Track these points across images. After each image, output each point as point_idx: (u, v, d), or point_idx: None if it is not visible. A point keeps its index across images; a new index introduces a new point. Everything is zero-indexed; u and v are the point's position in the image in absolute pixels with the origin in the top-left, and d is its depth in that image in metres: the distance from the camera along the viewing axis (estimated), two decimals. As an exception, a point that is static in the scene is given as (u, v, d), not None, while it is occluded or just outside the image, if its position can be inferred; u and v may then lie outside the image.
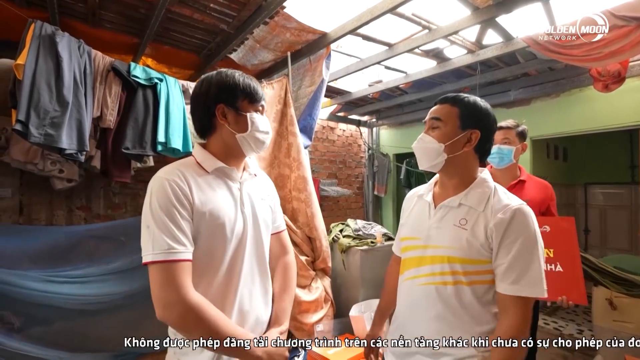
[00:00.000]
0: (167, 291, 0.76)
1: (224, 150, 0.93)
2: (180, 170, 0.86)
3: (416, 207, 1.11)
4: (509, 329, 0.88)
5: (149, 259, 0.78)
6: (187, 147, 1.78)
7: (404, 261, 1.09)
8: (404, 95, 3.92)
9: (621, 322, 2.37)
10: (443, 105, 1.03)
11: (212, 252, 0.86)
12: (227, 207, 0.89)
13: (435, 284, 0.98)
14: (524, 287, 0.88)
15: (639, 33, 1.89)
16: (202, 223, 0.84)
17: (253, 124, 0.91)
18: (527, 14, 2.20)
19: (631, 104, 2.70)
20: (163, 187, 0.82)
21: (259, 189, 1.04)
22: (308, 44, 2.51)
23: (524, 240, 0.90)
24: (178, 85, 1.79)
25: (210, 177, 0.90)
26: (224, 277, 0.88)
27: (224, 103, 0.89)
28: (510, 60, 2.86)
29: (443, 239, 0.98)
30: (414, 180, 4.34)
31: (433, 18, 2.25)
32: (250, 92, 0.92)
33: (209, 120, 0.92)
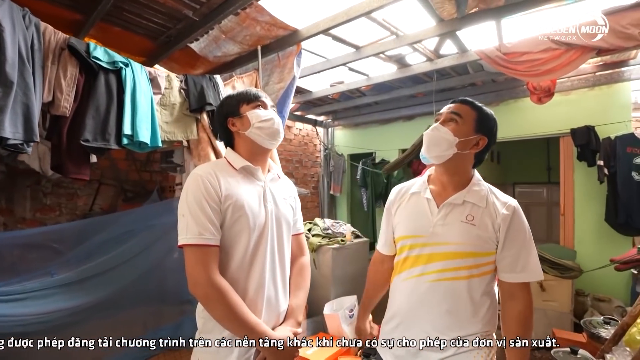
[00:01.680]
0: (196, 270, 0.90)
1: (247, 150, 1.08)
2: (212, 169, 1.00)
3: (412, 204, 1.12)
4: (523, 311, 1.02)
5: (183, 242, 0.92)
6: (155, 141, 1.61)
7: (403, 260, 1.10)
8: (362, 97, 4.06)
9: (548, 302, 2.76)
10: (464, 105, 1.09)
11: (237, 237, 0.98)
12: (251, 200, 1.01)
13: (448, 279, 1.02)
14: (530, 273, 1.01)
15: (568, 56, 2.22)
16: (229, 211, 0.97)
17: (253, 118, 1.06)
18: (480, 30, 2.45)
19: (555, 116, 3.17)
20: (196, 183, 0.96)
21: (282, 189, 1.15)
22: (278, 39, 2.45)
23: (524, 233, 1.02)
24: (145, 73, 1.61)
25: (238, 175, 1.04)
26: (248, 258, 0.99)
27: (231, 116, 1.08)
28: (462, 70, 3.14)
29: (452, 235, 1.02)
30: (369, 180, 4.51)
31: (401, 25, 2.37)
32: (245, 96, 1.09)
33: (228, 133, 1.11)
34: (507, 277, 1.02)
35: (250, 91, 1.11)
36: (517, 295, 1.02)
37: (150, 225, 2.28)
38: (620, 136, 2.78)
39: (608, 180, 2.79)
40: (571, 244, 3.13)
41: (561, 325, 2.67)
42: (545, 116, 3.24)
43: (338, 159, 5.01)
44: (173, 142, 1.74)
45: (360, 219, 5.00)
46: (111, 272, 1.93)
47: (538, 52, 2.28)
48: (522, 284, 1.02)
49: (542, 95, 2.70)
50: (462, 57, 2.68)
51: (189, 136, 1.78)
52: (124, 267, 1.97)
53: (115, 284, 1.92)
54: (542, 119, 3.28)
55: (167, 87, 1.74)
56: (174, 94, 1.75)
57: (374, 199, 4.53)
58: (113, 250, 2.01)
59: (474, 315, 1.02)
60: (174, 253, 2.69)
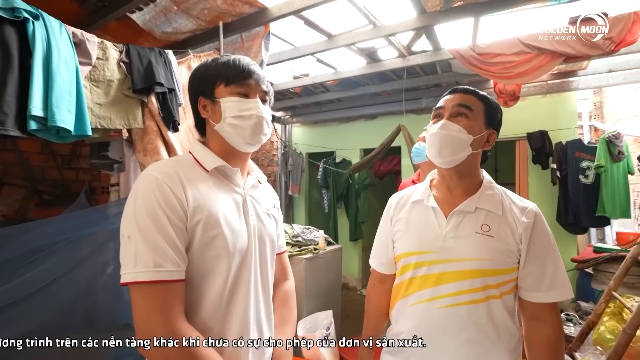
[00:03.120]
0: (151, 321, 0.61)
1: (221, 146, 0.81)
2: (174, 168, 0.73)
3: (415, 215, 0.95)
4: (553, 335, 0.86)
5: (129, 279, 0.63)
6: (82, 128, 1.18)
7: (408, 282, 0.92)
8: (325, 93, 3.84)
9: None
10: (469, 96, 0.92)
11: (211, 267, 0.71)
12: (229, 215, 0.75)
13: (463, 303, 0.85)
14: (559, 291, 0.86)
15: (539, 60, 2.25)
16: (198, 230, 0.69)
17: (227, 109, 0.77)
18: (455, 28, 2.39)
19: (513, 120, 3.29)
20: (150, 188, 0.67)
21: (265, 199, 0.90)
22: (242, 17, 2.11)
23: (549, 243, 0.87)
24: (66, 33, 1.17)
25: (210, 178, 0.77)
26: (227, 296, 0.73)
27: (201, 94, 0.81)
28: (430, 70, 3.09)
29: (467, 250, 0.86)
30: (331, 180, 4.32)
31: (380, 15, 2.19)
32: (225, 71, 0.78)
33: (198, 116, 0.84)
34: (532, 296, 0.87)
35: (236, 66, 0.78)
36: (545, 317, 0.87)
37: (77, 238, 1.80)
38: (570, 141, 2.96)
39: (560, 183, 2.96)
40: (525, 243, 3.27)
41: (521, 323, 2.75)
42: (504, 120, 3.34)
43: (297, 158, 4.74)
44: (109, 130, 1.33)
45: (319, 222, 4.79)
46: (20, 305, 1.44)
47: (511, 54, 2.28)
48: (550, 305, 0.86)
49: (508, 99, 2.75)
50: (434, 55, 2.61)
51: (131, 124, 1.37)
52: (39, 295, 1.49)
53: (27, 321, 1.43)
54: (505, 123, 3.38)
55: (101, 58, 1.32)
56: (110, 67, 1.34)
57: (335, 200, 4.36)
58: (23, 273, 1.51)
59: (497, 343, 0.86)
60: (107, 267, 2.22)
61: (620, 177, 2.78)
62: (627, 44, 1.97)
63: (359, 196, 4.26)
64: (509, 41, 2.27)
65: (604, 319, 1.91)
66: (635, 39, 1.95)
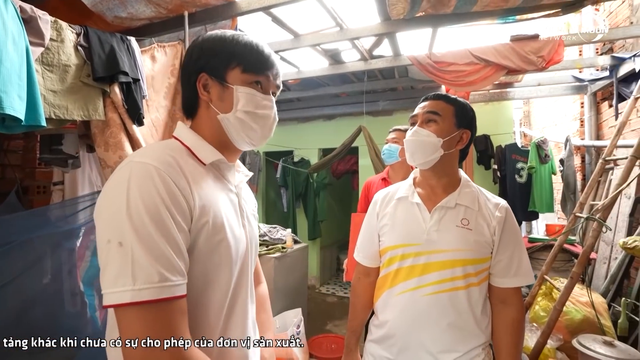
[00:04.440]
0: (156, 351, 0.48)
1: (213, 137, 0.69)
2: (173, 157, 0.59)
3: (400, 211, 1.02)
4: (517, 317, 0.97)
5: (127, 299, 0.48)
6: (35, 118, 1.04)
7: (395, 272, 0.98)
8: (286, 91, 3.83)
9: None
10: (438, 102, 1.02)
11: (212, 279, 0.62)
12: (230, 217, 0.66)
13: (446, 290, 0.93)
14: (523, 277, 0.97)
15: (486, 71, 2.50)
16: (202, 234, 0.59)
17: (241, 101, 0.66)
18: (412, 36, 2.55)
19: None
20: (151, 179, 0.54)
21: (250, 199, 0.83)
22: (207, 9, 2.02)
23: (517, 235, 0.99)
24: (12, 6, 1.01)
25: (207, 174, 0.65)
26: (227, 309, 0.65)
27: (206, 71, 0.67)
28: (388, 74, 3.25)
29: (449, 242, 0.94)
30: (290, 180, 4.31)
31: (346, 18, 2.26)
32: (244, 54, 0.67)
33: (191, 95, 0.69)
34: (502, 282, 0.97)
35: (261, 49, 0.69)
36: (511, 301, 0.98)
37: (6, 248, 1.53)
38: (508, 145, 3.33)
39: (500, 182, 3.31)
40: (470, 236, 3.61)
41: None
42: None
43: (254, 157, 4.64)
44: (65, 122, 1.18)
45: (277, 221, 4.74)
46: None
47: (462, 64, 2.50)
48: (514, 289, 0.98)
49: (458, 105, 3.00)
50: (395, 61, 2.75)
51: (91, 115, 1.24)
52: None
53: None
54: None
55: (55, 39, 1.17)
56: (66, 50, 1.19)
57: (294, 199, 4.35)
58: None
59: (475, 326, 0.95)
60: (44, 278, 1.98)
61: (546, 177, 3.20)
62: (555, 63, 2.29)
63: (317, 195, 4.31)
64: (461, 52, 2.49)
65: (538, 300, 2.19)
66: (560, 59, 2.27)
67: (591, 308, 1.92)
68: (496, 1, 1.77)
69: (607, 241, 2.43)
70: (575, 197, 2.94)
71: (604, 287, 2.24)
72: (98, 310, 1.91)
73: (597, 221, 1.81)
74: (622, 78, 2.58)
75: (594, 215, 1.85)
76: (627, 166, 1.79)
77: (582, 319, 1.95)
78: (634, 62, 2.35)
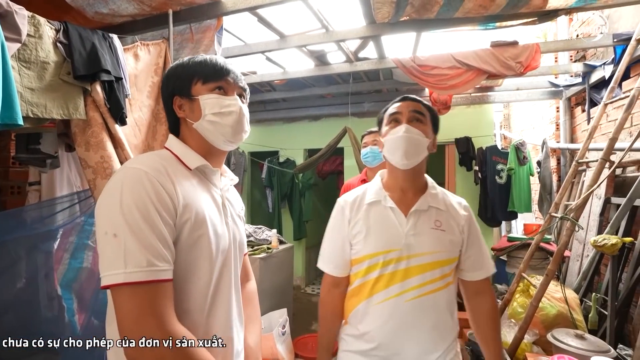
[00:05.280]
0: (144, 323, 0.58)
1: (198, 146, 0.79)
2: (161, 163, 0.70)
3: (375, 216, 0.98)
4: (494, 304, 1.04)
5: (120, 279, 0.58)
6: (12, 116, 1.00)
7: (375, 280, 0.95)
8: (271, 92, 3.82)
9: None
10: (419, 104, 1.03)
11: (194, 269, 0.70)
12: (212, 215, 0.74)
13: (427, 293, 0.94)
14: (489, 266, 1.04)
15: (467, 76, 2.58)
16: (185, 230, 0.68)
17: (207, 106, 0.76)
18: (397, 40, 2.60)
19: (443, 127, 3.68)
20: (141, 182, 0.63)
21: (236, 201, 0.90)
22: (192, 7, 1.99)
23: (478, 231, 1.04)
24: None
25: (193, 177, 0.75)
26: (210, 300, 0.72)
27: (177, 94, 0.79)
28: (373, 76, 3.30)
29: (426, 244, 0.94)
30: (275, 180, 4.30)
31: (332, 20, 2.28)
32: (202, 69, 0.78)
33: (173, 116, 0.81)
34: (473, 275, 1.02)
35: (213, 63, 0.78)
36: (483, 290, 1.03)
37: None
38: (489, 147, 3.44)
39: (481, 183, 3.41)
40: (452, 236, 3.70)
41: (450, 307, 3.10)
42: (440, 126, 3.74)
43: (239, 157, 4.60)
44: (44, 120, 1.15)
45: (262, 221, 4.71)
46: None
47: (445, 68, 2.56)
48: (486, 280, 1.03)
49: (441, 107, 3.08)
50: (379, 63, 2.80)
51: (72, 114, 1.20)
52: None
53: None
54: (434, 129, 3.77)
55: (32, 35, 1.13)
56: (44, 47, 1.16)
57: (279, 200, 4.35)
58: None
59: (451, 324, 0.98)
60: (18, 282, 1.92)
61: (524, 178, 3.32)
62: (532, 68, 2.38)
63: (303, 196, 4.32)
64: (444, 56, 2.56)
65: (516, 297, 2.27)
66: (537, 65, 2.37)
67: (565, 303, 2.01)
68: (477, 8, 1.83)
69: (580, 239, 2.54)
70: (551, 198, 3.06)
71: (577, 283, 2.35)
72: (77, 314, 1.86)
73: (571, 220, 1.89)
74: (594, 84, 2.71)
75: (567, 215, 1.94)
76: (597, 168, 1.89)
77: (556, 314, 2.03)
78: (604, 69, 2.48)
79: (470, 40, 2.63)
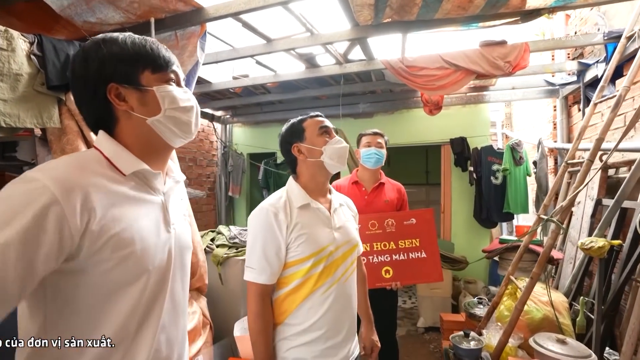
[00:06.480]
0: None
1: (140, 145, 0.68)
2: (80, 171, 0.59)
3: (308, 218, 1.04)
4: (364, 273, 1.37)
5: None
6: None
7: (319, 274, 1.02)
8: (266, 94, 3.85)
9: (435, 289, 3.15)
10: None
11: (114, 295, 0.61)
12: (147, 228, 0.65)
13: (351, 274, 1.13)
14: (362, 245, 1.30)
15: (456, 76, 2.55)
16: (105, 251, 0.58)
17: (167, 99, 0.68)
18: (387, 41, 2.59)
19: (438, 127, 3.66)
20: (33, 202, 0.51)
21: (181, 200, 0.82)
22: (176, 15, 2.04)
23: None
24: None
25: (127, 185, 0.64)
26: (136, 326, 0.64)
27: (115, 81, 0.65)
28: (365, 77, 3.29)
29: (346, 235, 1.12)
30: (272, 182, 4.34)
31: (316, 23, 2.29)
32: (148, 56, 0.67)
33: (103, 109, 0.66)
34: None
35: (158, 51, 0.68)
36: (359, 263, 1.31)
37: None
38: (484, 147, 3.39)
39: (476, 183, 3.37)
40: (449, 237, 3.67)
41: (444, 308, 3.08)
42: (430, 126, 3.72)
43: (237, 158, 4.66)
44: (17, 130, 1.20)
45: (261, 222, 4.77)
46: None
47: (433, 68, 2.54)
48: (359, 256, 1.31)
49: (433, 108, 3.06)
50: (368, 65, 2.79)
51: (45, 123, 1.25)
52: None
53: None
54: (428, 129, 3.75)
55: (5, 49, 1.18)
56: (17, 59, 1.21)
57: (277, 201, 4.37)
58: None
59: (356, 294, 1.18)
60: None
61: (521, 178, 3.27)
62: (521, 68, 2.34)
63: (301, 197, 4.33)
64: (433, 57, 2.54)
65: (504, 299, 2.24)
66: (526, 64, 2.33)
67: (551, 307, 1.98)
68: (455, 9, 1.81)
69: (574, 242, 2.49)
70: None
71: (567, 286, 2.31)
72: None
73: (555, 223, 1.86)
74: (589, 83, 2.64)
75: (552, 217, 1.90)
76: (583, 169, 1.85)
77: (542, 317, 2.00)
78: (597, 67, 2.42)
79: (460, 41, 2.60)
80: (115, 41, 0.66)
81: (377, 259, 1.91)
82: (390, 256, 1.94)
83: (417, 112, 3.58)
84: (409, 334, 3.15)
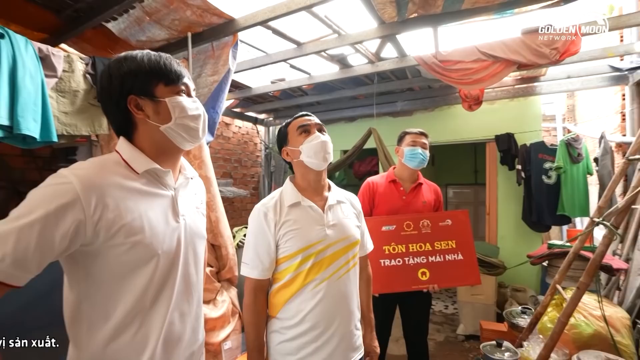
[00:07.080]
0: None
1: (154, 147, 0.80)
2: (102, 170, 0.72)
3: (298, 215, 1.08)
4: (370, 275, 1.34)
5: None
6: (48, 134, 1.29)
7: (309, 269, 1.04)
8: (304, 96, 3.96)
9: (476, 295, 2.96)
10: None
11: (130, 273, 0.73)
12: (157, 217, 0.77)
13: (347, 271, 1.11)
14: (369, 245, 1.32)
15: (494, 68, 2.38)
16: (119, 237, 0.70)
17: (177, 109, 0.79)
18: (419, 36, 2.52)
19: (482, 123, 3.43)
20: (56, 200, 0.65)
21: (195, 195, 0.93)
22: (211, 27, 2.23)
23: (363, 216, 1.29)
24: (32, 48, 1.28)
25: (139, 182, 0.76)
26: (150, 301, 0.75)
27: (134, 93, 0.76)
28: (401, 75, 3.22)
29: (341, 232, 1.11)
30: (312, 181, 4.44)
31: (343, 24, 2.32)
32: (162, 71, 0.78)
33: (124, 118, 0.78)
34: (365, 250, 1.30)
35: (170, 66, 0.79)
36: (364, 265, 1.30)
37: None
38: (534, 143, 3.09)
39: (524, 183, 3.09)
40: (495, 240, 3.42)
41: (486, 316, 2.88)
42: (474, 123, 3.50)
43: (279, 159, 4.84)
44: (75, 137, 1.44)
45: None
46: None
47: (469, 61, 2.40)
48: (365, 256, 1.30)
49: (472, 103, 2.88)
50: (401, 62, 2.74)
51: (97, 130, 1.48)
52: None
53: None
54: (472, 125, 3.53)
55: (67, 70, 1.43)
56: (76, 78, 1.45)
57: (316, 200, 4.47)
58: None
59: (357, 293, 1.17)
60: None
61: (579, 177, 2.92)
62: (571, 54, 2.11)
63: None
64: (468, 49, 2.40)
65: (548, 310, 2.04)
66: (577, 50, 2.09)
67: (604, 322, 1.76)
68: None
69: (641, 250, 2.17)
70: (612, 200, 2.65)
71: (631, 301, 2.02)
72: None
73: (607, 226, 1.66)
74: (663, 66, 2.28)
75: (606, 220, 1.70)
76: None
77: (592, 333, 1.79)
78: (670, 48, 2.08)
79: (500, 31, 2.42)
80: (134, 59, 0.78)
81: (414, 260, 1.84)
82: (426, 258, 1.86)
83: (458, 108, 3.39)
84: (447, 340, 3.01)
